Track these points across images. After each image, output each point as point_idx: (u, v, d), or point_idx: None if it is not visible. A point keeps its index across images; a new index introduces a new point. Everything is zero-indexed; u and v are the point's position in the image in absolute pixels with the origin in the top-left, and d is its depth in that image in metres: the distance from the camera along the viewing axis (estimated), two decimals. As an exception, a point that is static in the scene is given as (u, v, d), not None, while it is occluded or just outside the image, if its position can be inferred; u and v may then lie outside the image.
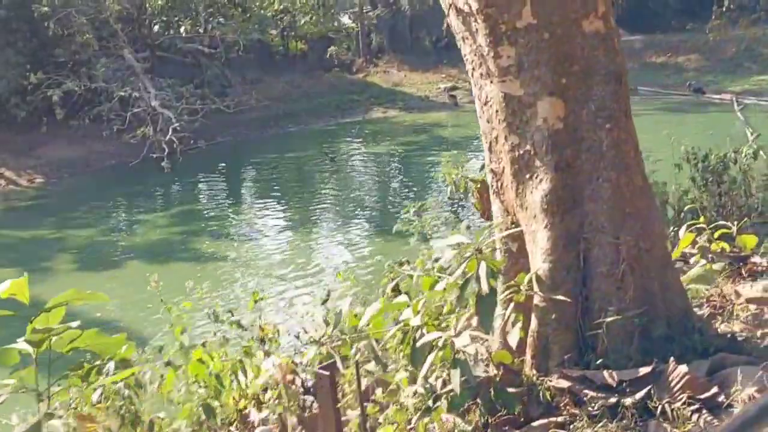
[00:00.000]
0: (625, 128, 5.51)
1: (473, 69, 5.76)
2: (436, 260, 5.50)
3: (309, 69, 44.52)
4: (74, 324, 6.49)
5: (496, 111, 5.63)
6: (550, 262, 5.38)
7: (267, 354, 7.04)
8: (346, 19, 50.52)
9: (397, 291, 6.59)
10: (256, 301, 8.57)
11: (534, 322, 5.41)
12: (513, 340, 5.33)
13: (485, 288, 4.87)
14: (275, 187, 31.89)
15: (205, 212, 29.21)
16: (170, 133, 30.85)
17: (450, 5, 5.76)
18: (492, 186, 5.88)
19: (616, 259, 5.37)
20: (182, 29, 31.74)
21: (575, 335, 5.37)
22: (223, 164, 34.08)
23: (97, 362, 6.86)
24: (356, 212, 27.77)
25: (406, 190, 29.18)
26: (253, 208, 29.67)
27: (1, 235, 27.86)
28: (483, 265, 4.95)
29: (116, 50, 33.56)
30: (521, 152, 5.57)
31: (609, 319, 5.23)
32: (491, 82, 5.62)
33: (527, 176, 5.56)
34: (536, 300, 5.40)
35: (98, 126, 33.00)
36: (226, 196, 31.77)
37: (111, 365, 5.86)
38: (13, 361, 6.38)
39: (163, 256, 24.13)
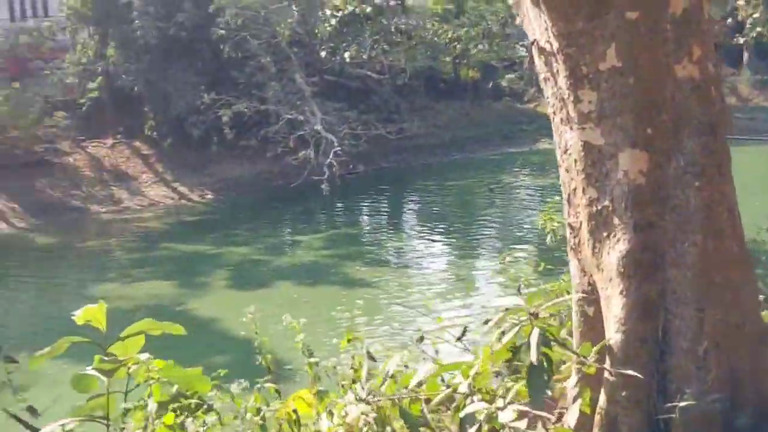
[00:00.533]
0: (719, 187, 4.87)
1: (554, 113, 5.28)
2: (486, 322, 5.05)
3: (479, 97, 44.17)
4: (143, 356, 6.35)
5: (575, 160, 5.12)
6: (624, 332, 4.81)
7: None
8: (521, 49, 49.96)
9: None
10: (349, 340, 8.28)
11: (602, 398, 4.84)
12: (572, 418, 4.79)
13: (534, 358, 4.38)
14: (433, 216, 31.68)
15: (361, 237, 29.39)
16: (331, 156, 31.26)
17: (533, 43, 5.31)
18: (569, 242, 5.36)
19: (699, 334, 4.74)
20: (347, 55, 32.16)
21: (647, 417, 4.77)
22: (384, 190, 34.23)
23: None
24: (512, 244, 27.16)
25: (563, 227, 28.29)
26: (408, 235, 29.56)
27: (166, 248, 29.01)
28: (536, 332, 4.46)
29: (289, 74, 34.42)
30: (599, 207, 5.03)
31: (686, 403, 4.61)
32: (571, 128, 5.12)
33: (604, 234, 5.01)
34: (606, 373, 4.83)
35: (266, 147, 33.91)
36: (382, 221, 31.91)
37: (152, 405, 5.68)
38: (92, 387, 6.32)
39: (313, 278, 24.39)
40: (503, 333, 4.59)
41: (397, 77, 36.12)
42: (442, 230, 29.20)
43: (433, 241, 28.04)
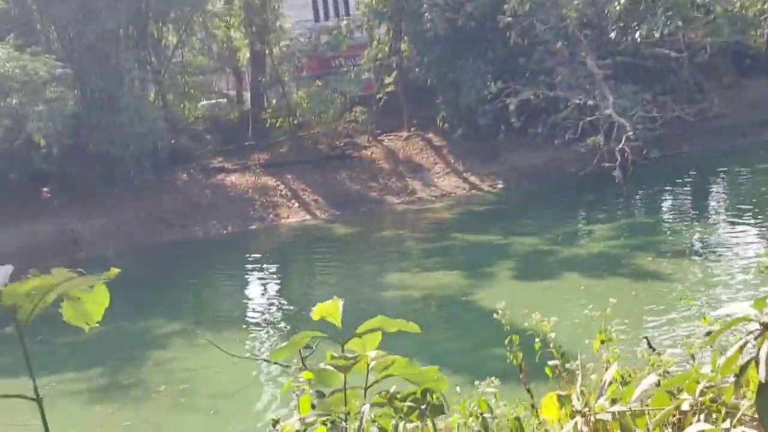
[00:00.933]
0: None
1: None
2: (707, 333, 4.31)
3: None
4: (372, 353, 6.20)
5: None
6: None
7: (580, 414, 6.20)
8: None
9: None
10: (602, 342, 7.70)
11: None
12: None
13: (762, 376, 3.68)
14: (740, 204, 29.19)
15: (655, 226, 27.91)
16: (623, 142, 29.92)
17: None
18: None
19: None
20: (638, 34, 30.52)
21: None
22: (682, 176, 32.25)
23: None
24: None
25: None
26: (709, 225, 27.55)
27: (455, 238, 29.34)
28: (766, 345, 3.74)
29: (579, 57, 33.42)
30: None
31: None
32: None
33: None
34: None
35: (554, 134, 33.22)
36: (680, 210, 30.10)
37: (367, 409, 5.48)
38: (332, 382, 6.32)
39: (602, 269, 23.47)
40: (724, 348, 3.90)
41: (697, 54, 33.85)
42: (750, 220, 26.84)
43: (739, 231, 25.86)
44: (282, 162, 37.27)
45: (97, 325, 3.46)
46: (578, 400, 5.01)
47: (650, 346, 5.86)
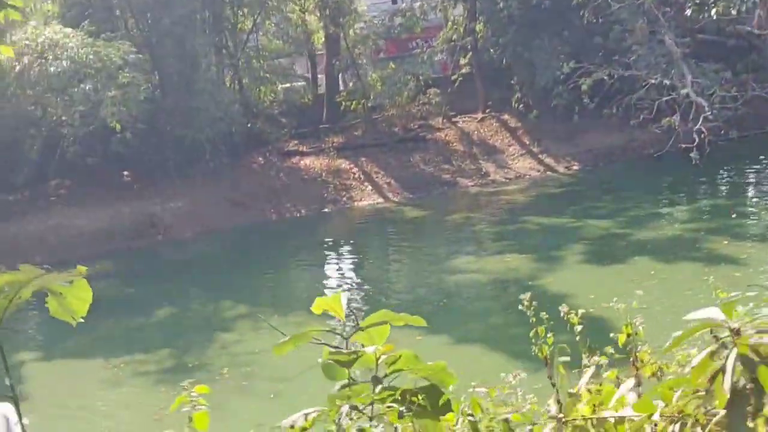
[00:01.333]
0: None
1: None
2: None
3: None
4: (369, 349, 6.20)
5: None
6: None
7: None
8: None
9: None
10: (629, 335, 7.55)
11: None
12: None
13: (727, 387, 3.56)
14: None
15: (732, 209, 27.14)
16: (700, 122, 29.11)
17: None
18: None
19: None
20: (714, 11, 29.58)
21: None
22: (762, 157, 31.27)
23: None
24: None
25: None
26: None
27: (527, 221, 29.05)
28: (734, 354, 3.61)
29: (658, 36, 32.58)
30: None
31: None
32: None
33: None
34: None
35: (631, 115, 32.51)
36: (758, 192, 29.19)
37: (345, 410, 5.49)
38: (342, 376, 6.34)
39: (674, 253, 22.97)
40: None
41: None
42: None
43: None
44: (356, 145, 37.41)
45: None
46: (556, 404, 4.93)
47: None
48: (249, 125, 36.82)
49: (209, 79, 33.95)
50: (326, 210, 34.07)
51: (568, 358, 6.14)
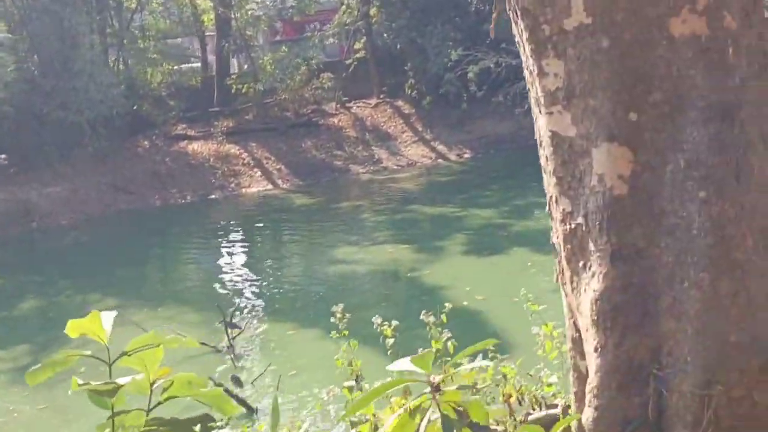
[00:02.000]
0: (735, 198, 3.25)
1: (528, 90, 3.87)
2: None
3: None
4: (124, 379, 5.60)
5: (546, 157, 3.70)
6: (597, 407, 3.38)
7: None
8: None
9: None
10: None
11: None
12: None
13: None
14: None
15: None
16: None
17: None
18: (555, 268, 3.95)
19: (701, 416, 3.22)
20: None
21: None
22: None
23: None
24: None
25: None
26: None
27: (413, 210, 28.71)
28: (430, 411, 3.15)
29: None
30: (573, 225, 3.58)
31: None
32: (540, 112, 3.69)
33: (581, 264, 3.57)
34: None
35: (518, 103, 32.43)
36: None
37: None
38: (117, 403, 5.73)
39: (550, 245, 22.89)
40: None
41: None
42: None
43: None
44: (246, 129, 36.52)
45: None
46: None
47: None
48: (135, 108, 35.57)
49: (89, 60, 32.58)
50: (213, 197, 33.17)
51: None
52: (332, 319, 8.24)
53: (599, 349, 3.39)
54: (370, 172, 34.29)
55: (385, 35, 37.81)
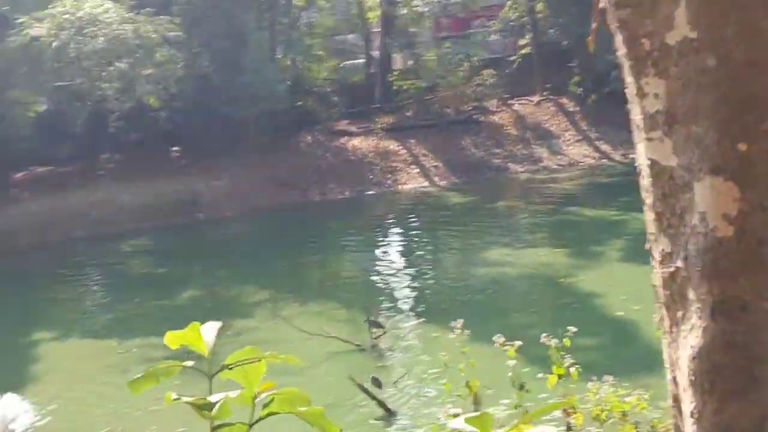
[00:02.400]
0: None
1: (629, 113, 3.41)
2: None
3: None
4: (216, 396, 5.46)
5: (645, 190, 3.24)
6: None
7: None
8: None
9: None
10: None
11: None
12: None
13: None
14: None
15: None
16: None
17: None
18: (659, 313, 3.48)
19: None
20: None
21: None
22: None
23: None
24: None
25: None
26: None
27: (571, 212, 27.99)
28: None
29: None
30: (673, 269, 3.11)
31: None
32: (639, 137, 3.24)
33: (679, 314, 3.09)
34: None
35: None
36: None
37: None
38: (224, 415, 5.68)
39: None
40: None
41: None
42: None
43: None
44: (405, 126, 36.58)
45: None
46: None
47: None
48: (300, 104, 36.28)
49: (257, 57, 33.42)
50: (370, 192, 33.40)
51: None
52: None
53: (696, 415, 2.93)
54: (529, 172, 33.63)
55: (551, 31, 36.96)
